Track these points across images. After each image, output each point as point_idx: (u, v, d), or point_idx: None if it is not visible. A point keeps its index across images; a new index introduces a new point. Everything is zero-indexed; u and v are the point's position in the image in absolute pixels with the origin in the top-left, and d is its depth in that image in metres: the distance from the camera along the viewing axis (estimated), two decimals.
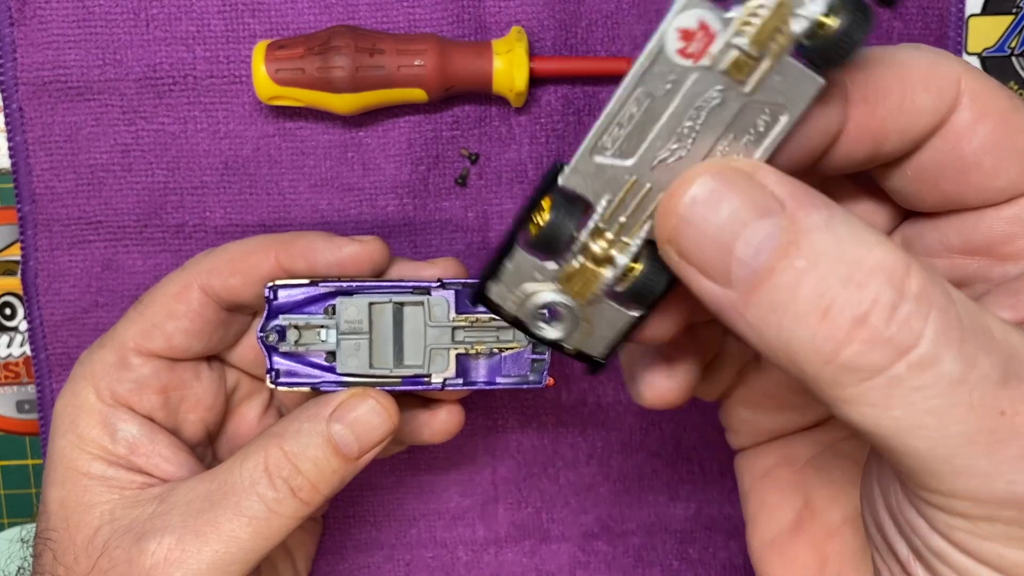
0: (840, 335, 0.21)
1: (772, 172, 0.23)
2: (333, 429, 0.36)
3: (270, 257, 0.39)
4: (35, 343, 0.47)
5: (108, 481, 0.38)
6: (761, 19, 0.23)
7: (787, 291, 0.22)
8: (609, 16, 0.45)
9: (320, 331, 0.38)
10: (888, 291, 0.21)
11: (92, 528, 0.37)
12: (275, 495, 0.36)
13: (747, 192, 0.23)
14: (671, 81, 0.24)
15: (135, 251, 0.46)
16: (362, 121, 0.45)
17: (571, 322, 0.27)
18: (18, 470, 0.50)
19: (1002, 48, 0.47)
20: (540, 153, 0.46)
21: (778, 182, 0.23)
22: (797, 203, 0.22)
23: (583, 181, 0.25)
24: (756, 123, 0.24)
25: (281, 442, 0.36)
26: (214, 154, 0.46)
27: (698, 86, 0.24)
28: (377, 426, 0.37)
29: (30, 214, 0.46)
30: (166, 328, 0.39)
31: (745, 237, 0.22)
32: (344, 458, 0.37)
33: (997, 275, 0.28)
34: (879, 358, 0.21)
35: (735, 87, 0.24)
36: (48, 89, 0.45)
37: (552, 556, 0.50)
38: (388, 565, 0.50)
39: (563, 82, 0.45)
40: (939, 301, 0.22)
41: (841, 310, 0.21)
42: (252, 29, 0.45)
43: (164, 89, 0.45)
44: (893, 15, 0.45)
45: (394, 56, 0.42)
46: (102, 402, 0.38)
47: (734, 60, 0.23)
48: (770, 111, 0.24)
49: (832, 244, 0.22)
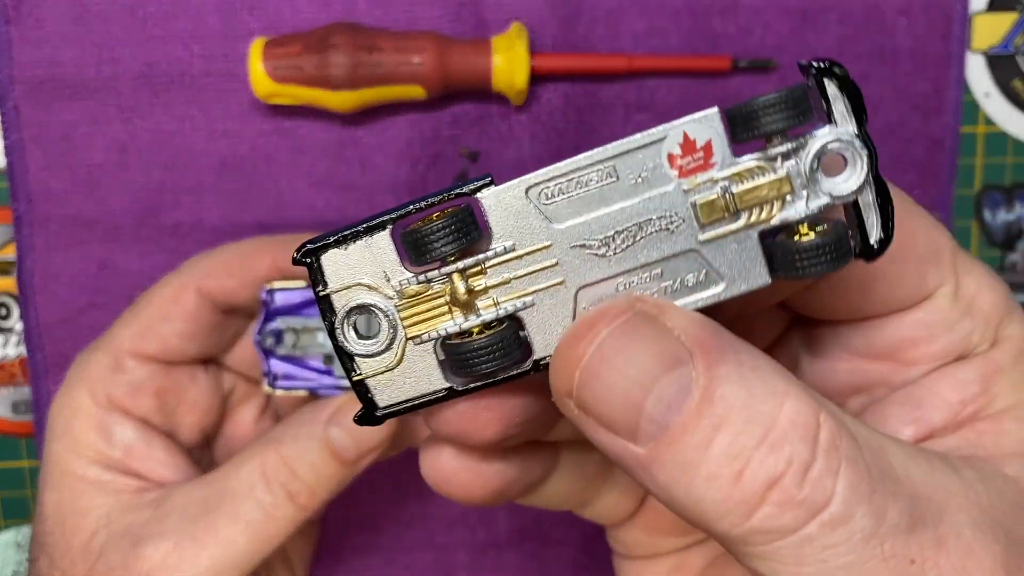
0: (754, 499, 0.21)
1: (679, 315, 0.22)
2: (331, 433, 0.36)
3: (267, 259, 0.39)
4: (31, 343, 0.47)
5: (104, 485, 0.37)
6: (759, 181, 0.22)
7: (699, 451, 0.21)
8: (611, 12, 0.45)
9: (318, 334, 0.38)
10: (802, 450, 0.21)
11: (88, 532, 0.36)
12: (272, 500, 0.36)
13: (655, 342, 0.22)
14: (644, 177, 0.22)
15: (131, 251, 0.46)
16: (360, 119, 0.45)
17: (380, 347, 0.23)
18: (13, 472, 0.49)
19: (1007, 46, 0.47)
20: (541, 151, 0.45)
21: (686, 327, 0.22)
22: (706, 352, 0.21)
23: (499, 211, 0.22)
24: (687, 275, 0.23)
25: (279, 447, 0.36)
26: (211, 152, 0.45)
27: (663, 201, 0.22)
28: (375, 430, 0.36)
29: (26, 213, 0.46)
30: (161, 331, 0.38)
31: (656, 392, 0.21)
32: (342, 462, 0.36)
33: (899, 380, 0.28)
34: (791, 520, 0.21)
35: (693, 227, 0.22)
36: (44, 87, 0.45)
37: (553, 560, 0.49)
38: (387, 568, 0.50)
39: (564, 79, 0.45)
40: (848, 451, 0.21)
41: (755, 473, 0.21)
42: (249, 26, 0.44)
43: (160, 87, 0.45)
44: (897, 11, 0.45)
45: (393, 53, 0.42)
46: (97, 405, 0.38)
47: (711, 200, 0.22)
48: (707, 273, 0.23)
49: (744, 399, 0.21)
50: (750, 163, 0.22)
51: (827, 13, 0.45)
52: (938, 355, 0.27)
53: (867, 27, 0.45)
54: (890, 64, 0.46)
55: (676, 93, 0.45)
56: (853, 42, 0.45)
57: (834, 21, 0.45)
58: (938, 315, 0.27)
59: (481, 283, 0.22)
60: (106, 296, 0.46)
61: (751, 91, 0.45)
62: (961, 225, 0.48)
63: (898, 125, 0.46)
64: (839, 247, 0.22)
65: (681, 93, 0.45)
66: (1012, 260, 0.49)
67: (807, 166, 0.22)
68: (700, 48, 0.45)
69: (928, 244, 0.26)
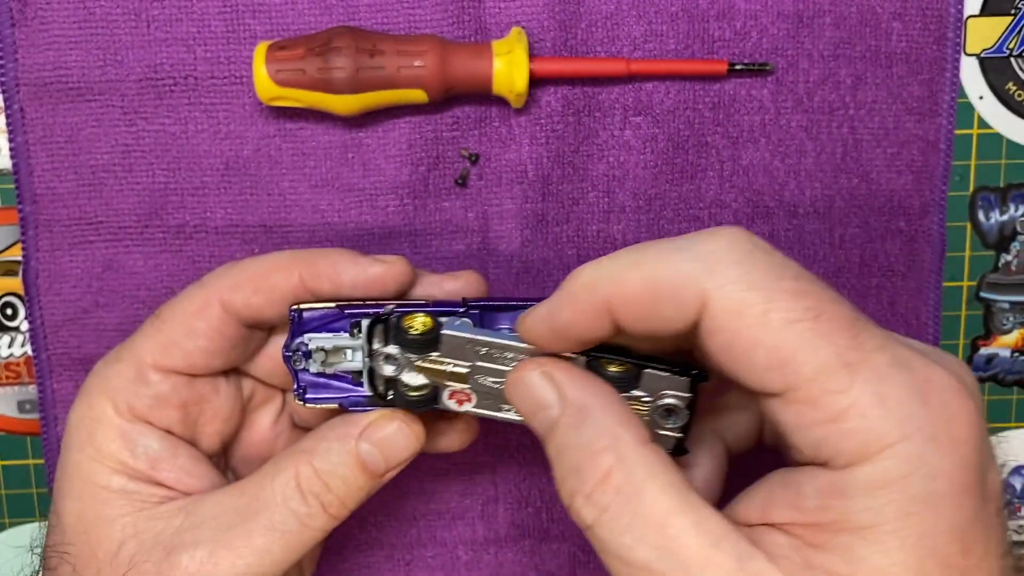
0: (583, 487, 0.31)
1: (562, 371, 0.33)
2: (362, 448, 0.37)
3: (293, 275, 0.38)
4: (36, 343, 0.47)
5: (129, 495, 0.37)
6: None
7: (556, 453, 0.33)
8: (609, 17, 0.45)
9: (346, 351, 0.38)
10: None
11: (115, 543, 0.37)
12: (307, 511, 0.37)
13: (540, 387, 0.33)
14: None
15: (136, 252, 0.46)
16: (362, 122, 0.45)
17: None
18: (19, 470, 0.50)
19: (1001, 49, 0.47)
20: (540, 153, 0.46)
21: (563, 381, 0.33)
22: (567, 401, 0.33)
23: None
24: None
25: (311, 459, 0.37)
26: (215, 155, 0.46)
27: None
28: (404, 446, 0.38)
29: (31, 215, 0.46)
30: (185, 346, 0.38)
31: (538, 417, 0.33)
32: (371, 476, 0.37)
33: (783, 451, 0.32)
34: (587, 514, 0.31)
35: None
36: (49, 90, 0.45)
37: (552, 555, 0.50)
38: (388, 564, 0.50)
39: (563, 83, 0.45)
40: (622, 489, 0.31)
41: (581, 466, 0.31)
42: (253, 30, 0.45)
43: (165, 90, 0.45)
44: (892, 15, 0.46)
45: (394, 57, 0.42)
46: (120, 417, 0.38)
47: None
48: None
49: (577, 437, 0.32)
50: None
51: (822, 17, 0.45)
52: (797, 449, 0.30)
53: (862, 30, 0.46)
54: (885, 67, 0.46)
55: (673, 96, 0.46)
56: (848, 45, 0.46)
57: (829, 25, 0.45)
58: (789, 417, 0.29)
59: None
60: (111, 296, 0.47)
61: (747, 94, 0.46)
62: (955, 226, 0.49)
63: (893, 127, 0.47)
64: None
65: (678, 96, 0.46)
66: (1005, 261, 0.49)
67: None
68: (697, 52, 0.45)
69: (768, 356, 0.28)
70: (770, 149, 0.46)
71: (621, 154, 0.46)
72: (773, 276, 0.29)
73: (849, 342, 0.28)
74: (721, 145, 0.46)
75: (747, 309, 0.28)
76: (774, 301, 0.28)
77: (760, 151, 0.46)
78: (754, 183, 0.47)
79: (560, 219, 0.47)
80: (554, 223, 0.47)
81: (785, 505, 0.30)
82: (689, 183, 0.47)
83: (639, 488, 0.29)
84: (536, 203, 0.46)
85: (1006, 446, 0.51)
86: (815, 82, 0.46)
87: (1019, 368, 0.50)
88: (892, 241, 0.48)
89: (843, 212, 0.47)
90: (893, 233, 0.47)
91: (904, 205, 0.47)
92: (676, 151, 0.46)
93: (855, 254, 0.48)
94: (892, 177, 0.47)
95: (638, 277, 0.30)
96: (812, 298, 0.29)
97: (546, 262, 0.47)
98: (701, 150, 0.46)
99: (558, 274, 0.47)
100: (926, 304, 0.48)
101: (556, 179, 0.46)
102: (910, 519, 0.27)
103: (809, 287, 0.29)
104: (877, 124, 0.47)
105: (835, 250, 0.47)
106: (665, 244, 0.31)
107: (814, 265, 0.48)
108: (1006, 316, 0.50)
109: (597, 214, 0.47)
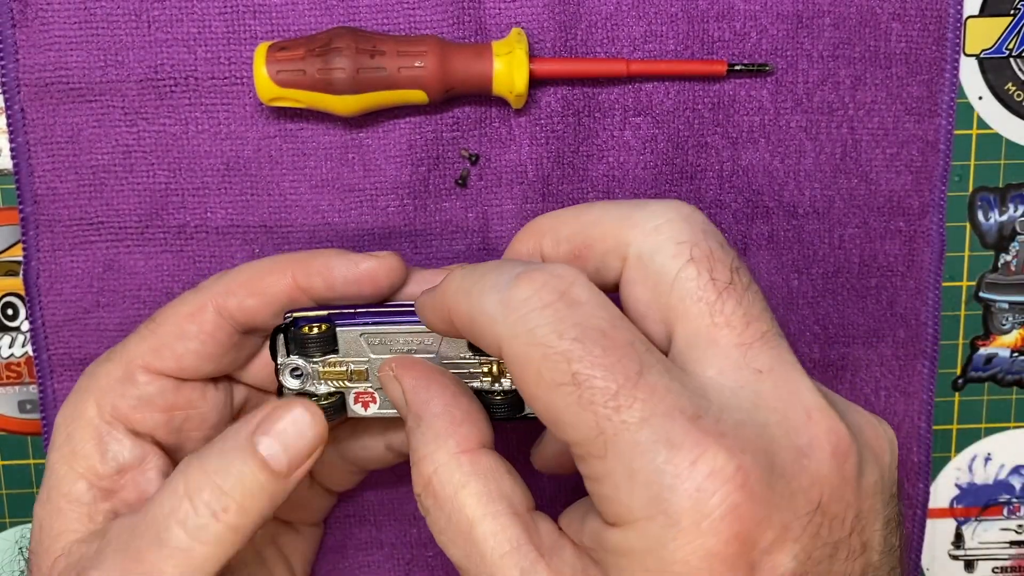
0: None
1: (406, 372, 0.35)
2: (259, 442, 0.34)
3: (287, 276, 0.38)
4: (37, 343, 0.47)
5: (82, 508, 0.37)
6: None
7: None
8: (609, 18, 0.45)
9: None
10: None
11: (52, 557, 0.36)
12: (196, 521, 0.33)
13: (392, 389, 0.35)
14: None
15: (137, 252, 0.46)
16: (363, 122, 0.46)
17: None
18: (19, 470, 0.50)
19: (1000, 49, 0.47)
20: (540, 154, 0.46)
21: (406, 383, 0.34)
22: (408, 404, 0.34)
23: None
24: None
25: (201, 462, 0.34)
26: (215, 155, 0.46)
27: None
28: (305, 434, 0.34)
29: (32, 215, 0.46)
30: (176, 348, 0.38)
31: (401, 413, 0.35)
32: (272, 473, 0.33)
33: None
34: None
35: None
36: (50, 90, 0.45)
37: None
38: (389, 564, 0.50)
39: (563, 83, 0.45)
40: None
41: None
42: (253, 31, 0.45)
43: (165, 90, 0.45)
44: (892, 16, 0.46)
45: (395, 57, 0.42)
46: (100, 417, 0.38)
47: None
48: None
49: (412, 440, 0.33)
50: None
51: (821, 17, 0.46)
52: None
53: (861, 31, 0.46)
54: (884, 67, 0.46)
55: (672, 97, 0.46)
56: (847, 46, 0.46)
57: (828, 25, 0.46)
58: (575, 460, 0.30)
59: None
60: (111, 296, 0.47)
61: (746, 95, 0.46)
62: (954, 227, 0.49)
63: (892, 128, 0.47)
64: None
65: (677, 97, 0.46)
66: (1005, 261, 0.49)
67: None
68: (696, 53, 0.46)
69: (543, 417, 0.29)
70: (769, 149, 0.47)
71: (621, 155, 0.46)
72: (548, 344, 0.28)
73: (604, 407, 0.27)
74: (720, 145, 0.46)
75: (529, 364, 0.29)
76: (547, 360, 0.28)
77: (759, 151, 0.47)
78: (753, 183, 0.47)
79: None
80: None
81: (580, 530, 0.31)
82: (689, 183, 0.47)
83: (452, 495, 0.31)
84: (536, 203, 0.46)
85: (1007, 446, 0.51)
86: (814, 83, 0.46)
87: (1018, 368, 0.50)
88: (891, 241, 0.48)
89: (842, 212, 0.47)
90: (892, 233, 0.48)
91: (903, 205, 0.47)
92: (676, 152, 0.46)
93: (854, 254, 0.48)
94: (891, 177, 0.47)
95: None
96: (579, 363, 0.28)
97: None
98: (700, 150, 0.47)
99: None
100: (925, 304, 0.48)
101: (556, 179, 0.46)
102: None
103: (575, 349, 0.28)
104: (876, 124, 0.47)
105: (834, 250, 0.48)
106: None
107: (813, 265, 0.48)
108: (1005, 316, 0.50)
109: None
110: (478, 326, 0.30)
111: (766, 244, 0.47)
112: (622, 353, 0.28)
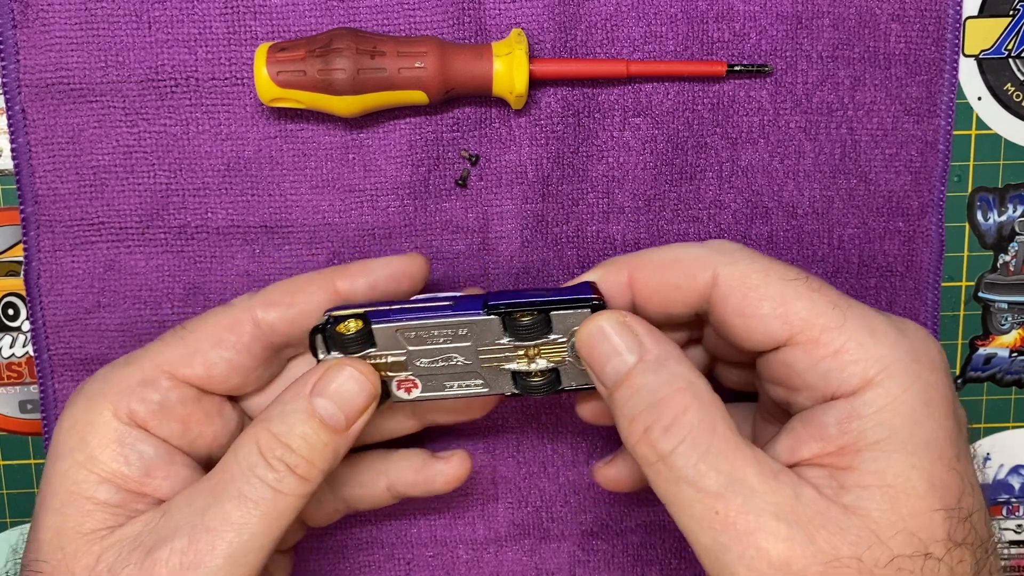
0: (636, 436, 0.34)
1: (638, 323, 0.36)
2: (316, 403, 0.37)
3: (328, 286, 0.40)
4: (38, 343, 0.47)
5: (112, 508, 0.37)
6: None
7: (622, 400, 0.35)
8: (608, 18, 0.45)
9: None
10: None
11: (94, 556, 0.36)
12: (275, 475, 0.36)
13: (619, 334, 0.36)
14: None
15: (137, 252, 0.47)
16: (363, 123, 0.46)
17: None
18: (20, 470, 0.50)
19: (999, 50, 0.47)
20: (540, 154, 0.46)
21: (640, 331, 0.36)
22: (645, 349, 0.35)
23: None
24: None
25: (268, 425, 0.36)
26: (216, 156, 0.46)
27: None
28: (358, 392, 0.37)
29: (33, 215, 0.46)
30: (210, 356, 0.39)
31: (612, 362, 0.36)
32: (333, 430, 0.37)
33: (796, 402, 0.36)
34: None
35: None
36: (51, 91, 0.45)
37: (552, 555, 0.50)
38: (388, 564, 0.50)
39: (563, 84, 0.45)
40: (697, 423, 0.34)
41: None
42: (254, 31, 0.45)
43: (166, 91, 0.45)
44: (891, 16, 0.46)
45: (395, 58, 0.42)
46: (118, 420, 0.37)
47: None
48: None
49: (656, 379, 0.35)
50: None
51: (821, 18, 0.46)
52: (809, 390, 0.35)
53: (860, 31, 0.46)
54: (883, 68, 0.46)
55: (672, 97, 0.46)
56: (847, 46, 0.46)
57: (828, 26, 0.46)
58: (797, 358, 0.35)
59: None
60: (112, 297, 0.47)
61: (746, 95, 0.46)
62: (953, 227, 0.49)
63: (891, 128, 0.47)
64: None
65: (677, 97, 0.46)
66: (1004, 261, 0.49)
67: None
68: (696, 53, 0.46)
69: (774, 306, 0.35)
70: (769, 150, 0.47)
71: (620, 155, 0.46)
72: (768, 261, 0.36)
73: (836, 294, 0.35)
74: (720, 146, 0.47)
75: (751, 275, 0.35)
76: (772, 270, 0.35)
77: (759, 152, 0.47)
78: (753, 184, 0.47)
79: (560, 219, 0.47)
80: (554, 223, 0.47)
81: (810, 440, 0.34)
82: (688, 184, 0.47)
83: (713, 423, 0.33)
84: (536, 204, 0.47)
85: (1006, 446, 0.51)
86: (814, 83, 0.46)
87: (1017, 368, 0.50)
88: (891, 241, 0.48)
89: (842, 212, 0.47)
90: (892, 233, 0.48)
91: (903, 205, 0.47)
92: (675, 152, 0.47)
93: (854, 254, 0.48)
94: (891, 178, 0.47)
95: (658, 255, 0.38)
96: (801, 271, 0.36)
97: (546, 262, 0.47)
98: (700, 151, 0.47)
99: (557, 274, 0.47)
100: (924, 304, 0.48)
101: (556, 180, 0.46)
102: (916, 427, 0.33)
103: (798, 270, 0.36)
104: (876, 125, 0.47)
105: (834, 250, 0.48)
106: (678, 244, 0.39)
107: (813, 265, 0.48)
108: (1004, 316, 0.50)
109: (596, 215, 0.47)
110: (682, 266, 0.37)
111: (766, 244, 0.48)
112: None
